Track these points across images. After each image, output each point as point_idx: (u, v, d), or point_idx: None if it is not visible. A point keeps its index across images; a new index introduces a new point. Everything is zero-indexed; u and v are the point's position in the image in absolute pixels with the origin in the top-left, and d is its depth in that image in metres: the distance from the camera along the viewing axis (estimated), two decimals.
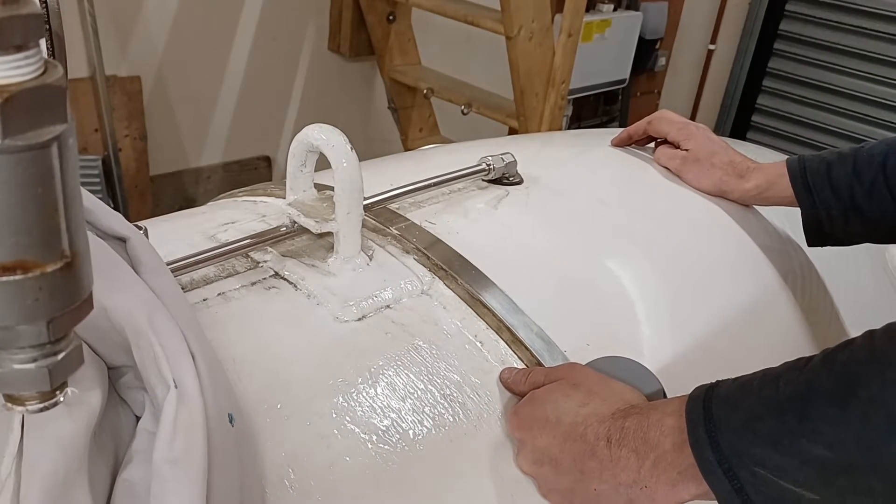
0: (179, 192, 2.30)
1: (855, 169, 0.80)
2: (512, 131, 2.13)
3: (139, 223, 0.56)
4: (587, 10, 2.28)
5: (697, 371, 0.71)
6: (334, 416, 0.52)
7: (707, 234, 0.86)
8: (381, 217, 0.70)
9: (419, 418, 0.54)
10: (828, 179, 0.81)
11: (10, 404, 0.30)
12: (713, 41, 3.31)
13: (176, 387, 0.41)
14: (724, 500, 0.48)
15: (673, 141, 0.92)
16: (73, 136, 0.26)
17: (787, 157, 0.89)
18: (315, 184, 0.67)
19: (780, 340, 0.82)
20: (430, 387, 0.56)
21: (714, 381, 0.53)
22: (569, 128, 2.65)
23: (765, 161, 0.90)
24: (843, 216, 0.81)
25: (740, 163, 0.89)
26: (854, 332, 0.90)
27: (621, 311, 0.71)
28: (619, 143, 0.98)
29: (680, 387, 0.69)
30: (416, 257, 0.66)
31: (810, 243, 0.85)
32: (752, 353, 0.78)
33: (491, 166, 0.81)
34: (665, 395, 0.60)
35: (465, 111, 2.14)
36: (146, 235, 0.52)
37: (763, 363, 0.78)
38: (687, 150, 0.90)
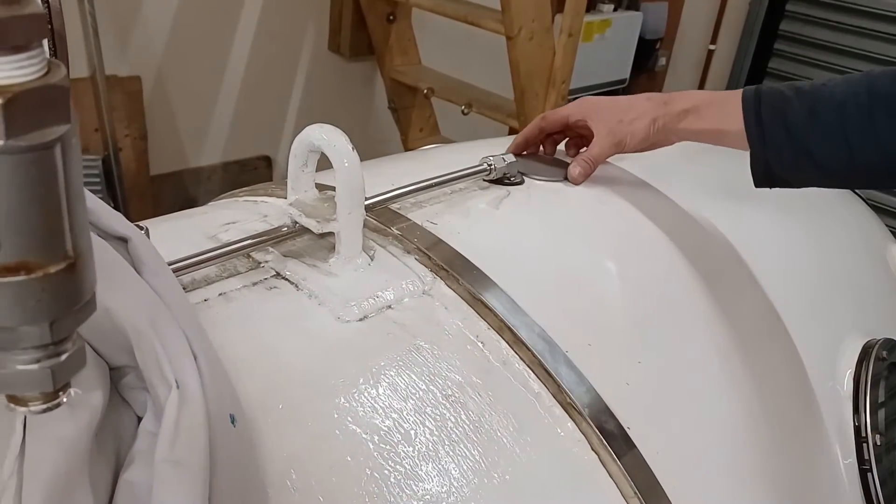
0: (180, 192, 2.30)
1: (812, 110, 0.74)
2: (512, 131, 2.13)
3: (140, 223, 0.56)
4: (587, 11, 2.27)
5: (699, 372, 0.71)
6: (336, 416, 0.52)
7: (709, 232, 0.86)
8: (383, 217, 0.70)
9: (421, 419, 0.54)
10: (783, 119, 0.75)
11: (12, 405, 0.29)
12: (713, 41, 3.31)
13: (178, 387, 0.41)
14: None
15: (579, 119, 0.87)
16: (77, 137, 0.26)
17: None
18: (316, 184, 0.67)
19: (782, 337, 0.82)
20: (431, 387, 0.56)
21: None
22: None
23: None
24: (795, 160, 0.76)
25: (657, 95, 0.85)
26: (857, 332, 0.90)
27: (622, 311, 0.71)
28: (517, 150, 0.89)
29: (681, 387, 0.69)
30: (417, 257, 0.66)
31: (757, 185, 0.80)
32: (752, 349, 0.78)
33: (492, 166, 0.81)
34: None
35: (466, 111, 2.14)
36: (147, 235, 0.52)
37: (766, 361, 0.78)
38: (598, 124, 0.85)
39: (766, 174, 0.78)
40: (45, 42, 0.26)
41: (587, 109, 0.87)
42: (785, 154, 0.76)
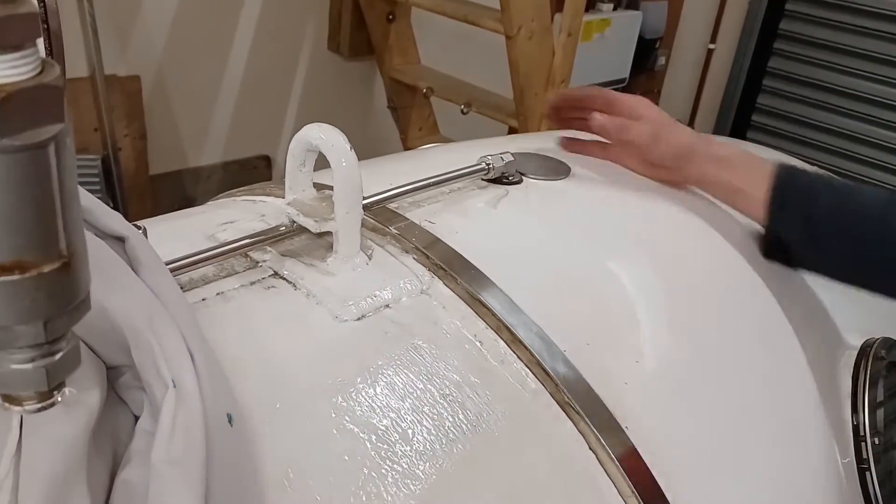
0: (179, 191, 2.30)
1: (839, 210, 0.78)
2: (511, 131, 2.13)
3: (138, 223, 0.56)
4: (587, 10, 2.27)
5: (697, 372, 0.72)
6: (333, 415, 0.52)
7: (708, 234, 0.86)
8: (381, 216, 0.70)
9: (418, 418, 0.54)
10: (805, 203, 0.79)
11: (7, 404, 0.29)
12: (713, 40, 3.31)
13: (175, 386, 0.41)
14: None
15: (628, 107, 0.87)
16: (71, 136, 0.26)
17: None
18: (314, 183, 0.67)
19: (782, 336, 0.82)
20: (429, 386, 0.56)
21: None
22: None
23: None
24: (801, 254, 0.82)
25: (699, 133, 0.86)
26: (856, 331, 0.90)
27: (621, 311, 0.71)
28: (557, 100, 0.93)
29: (679, 386, 0.69)
30: (415, 257, 0.66)
31: (764, 255, 0.84)
32: (752, 349, 0.78)
33: (490, 165, 0.81)
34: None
35: (465, 111, 2.14)
36: (145, 235, 0.52)
37: (763, 362, 0.78)
38: (647, 117, 0.85)
39: (771, 251, 0.83)
40: (40, 41, 0.26)
41: (639, 103, 0.87)
42: (797, 246, 0.81)
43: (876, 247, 0.76)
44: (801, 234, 0.80)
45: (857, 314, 0.91)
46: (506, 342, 0.61)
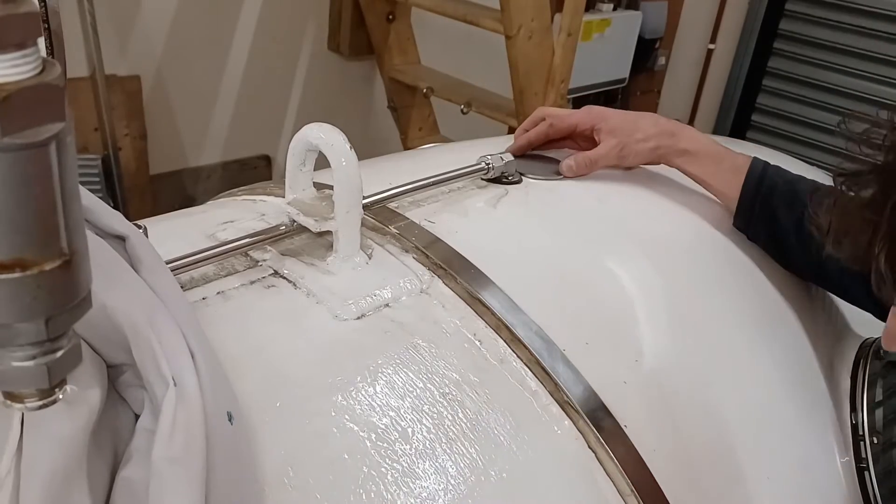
0: (179, 191, 2.30)
1: (797, 228, 0.81)
2: (511, 131, 2.13)
3: (138, 222, 0.56)
4: (587, 10, 2.27)
5: (696, 369, 0.72)
6: (333, 414, 0.52)
7: (707, 231, 0.86)
8: (381, 216, 0.70)
9: (418, 417, 0.54)
10: (770, 219, 0.83)
11: (9, 402, 0.30)
12: (713, 40, 3.31)
13: (175, 385, 0.41)
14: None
15: (587, 128, 0.88)
16: (71, 135, 0.27)
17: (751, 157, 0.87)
18: (314, 183, 0.67)
19: (781, 336, 0.82)
20: (428, 385, 0.56)
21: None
22: None
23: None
24: (764, 246, 0.86)
25: (665, 123, 0.88)
26: (856, 327, 0.90)
27: (620, 310, 0.71)
28: (519, 152, 0.89)
29: (678, 386, 0.69)
30: (415, 256, 0.66)
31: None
32: (751, 349, 0.78)
33: (490, 165, 0.81)
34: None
35: (465, 110, 2.14)
36: (145, 234, 0.52)
37: (762, 361, 0.78)
38: (607, 135, 0.86)
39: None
40: (41, 41, 0.26)
41: (596, 119, 0.88)
42: (759, 241, 0.86)
43: (833, 264, 0.78)
44: (767, 246, 0.86)
45: (855, 313, 0.91)
46: (505, 341, 0.61)
